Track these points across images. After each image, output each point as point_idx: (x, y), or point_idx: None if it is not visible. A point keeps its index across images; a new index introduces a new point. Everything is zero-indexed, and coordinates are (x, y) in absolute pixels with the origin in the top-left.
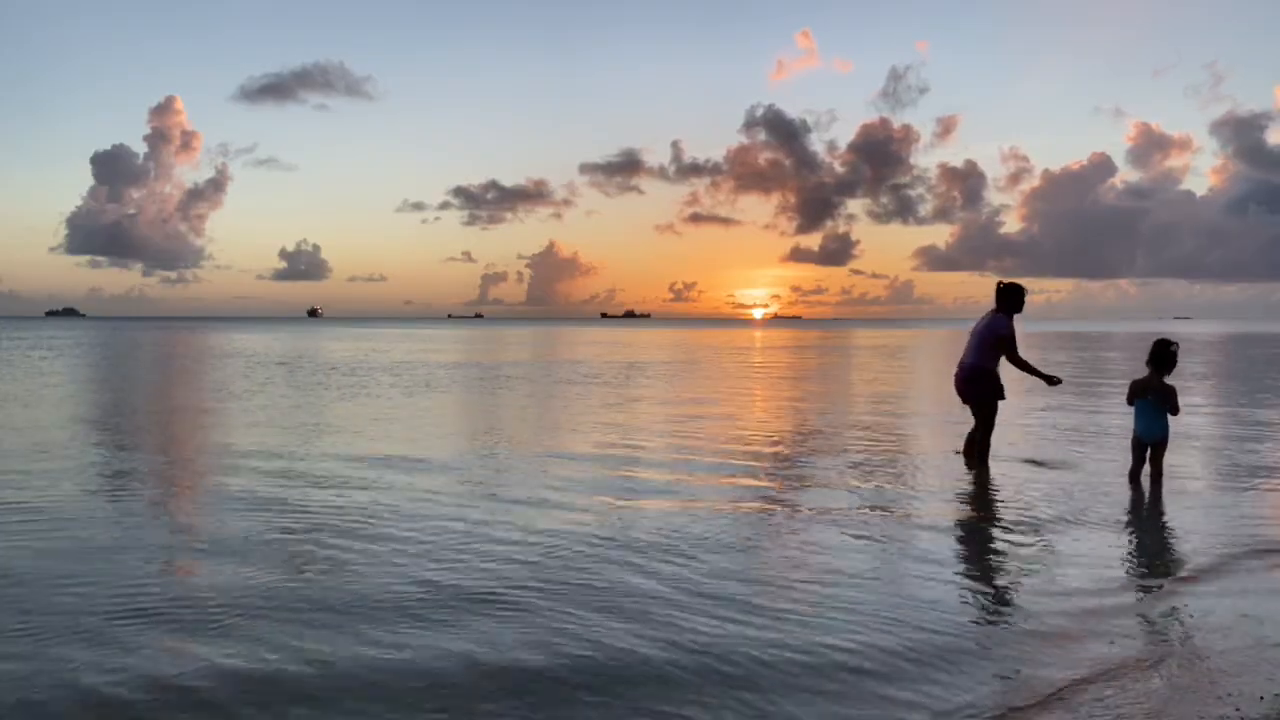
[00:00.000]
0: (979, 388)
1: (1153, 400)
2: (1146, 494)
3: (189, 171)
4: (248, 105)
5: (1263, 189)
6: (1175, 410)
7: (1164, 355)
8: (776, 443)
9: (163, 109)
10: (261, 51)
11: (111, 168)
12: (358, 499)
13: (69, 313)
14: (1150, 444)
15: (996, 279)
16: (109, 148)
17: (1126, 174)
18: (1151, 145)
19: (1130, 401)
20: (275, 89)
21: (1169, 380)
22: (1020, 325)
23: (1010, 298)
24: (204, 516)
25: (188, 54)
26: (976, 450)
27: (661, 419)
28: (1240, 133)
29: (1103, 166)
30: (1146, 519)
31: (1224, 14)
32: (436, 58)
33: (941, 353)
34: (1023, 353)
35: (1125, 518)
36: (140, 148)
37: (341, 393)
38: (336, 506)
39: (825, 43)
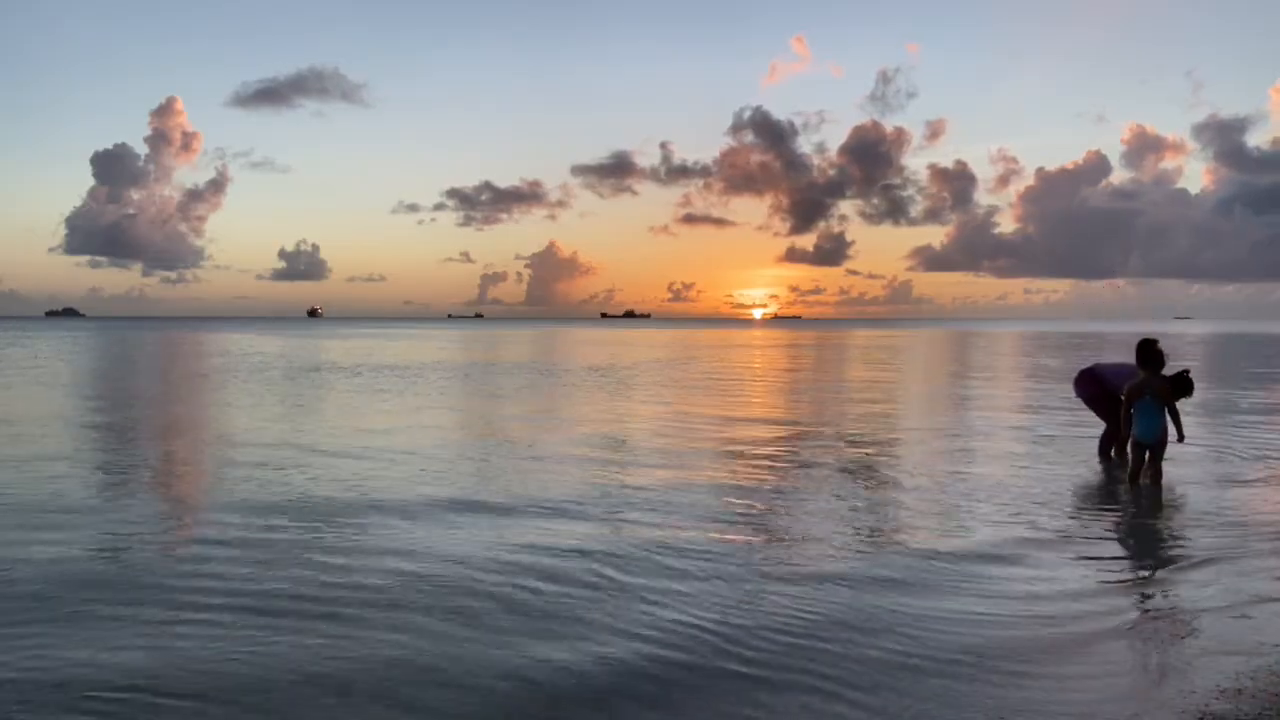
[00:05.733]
0: (1101, 405)
1: (1151, 399)
2: (1146, 495)
3: (189, 172)
4: (243, 111)
5: (1248, 190)
6: (1176, 414)
7: (1154, 354)
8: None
9: (163, 110)
10: (256, 57)
11: (111, 168)
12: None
13: (69, 313)
14: (1149, 446)
15: (994, 279)
16: (110, 147)
17: (1120, 174)
18: (1145, 147)
19: (1129, 405)
20: (270, 94)
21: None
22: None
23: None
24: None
25: (184, 58)
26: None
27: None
28: (1221, 135)
29: (1097, 167)
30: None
31: (1209, 15)
32: (428, 59)
33: (969, 354)
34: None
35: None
36: (141, 149)
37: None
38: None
39: (819, 46)
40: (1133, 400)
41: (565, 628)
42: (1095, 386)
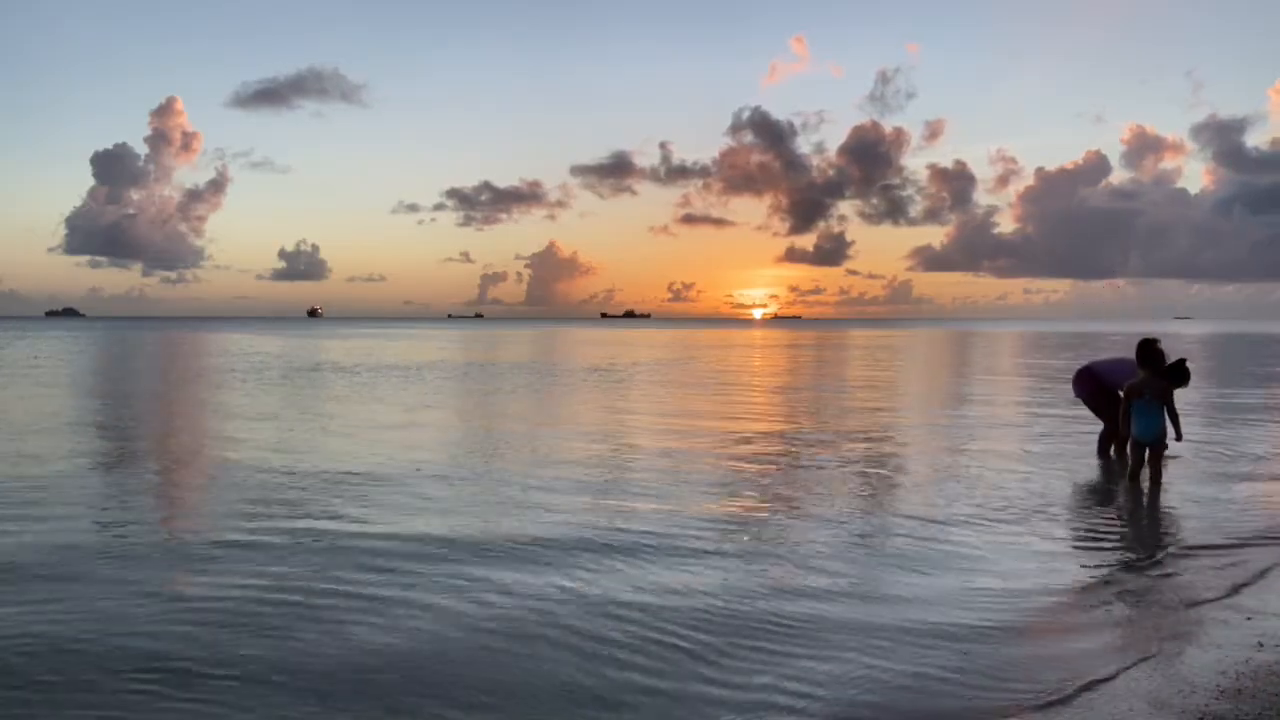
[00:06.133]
0: (1092, 398)
1: (1150, 398)
2: (1145, 495)
3: (189, 172)
4: (242, 111)
5: (1247, 191)
6: (1174, 414)
7: (1155, 353)
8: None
9: (163, 110)
10: (256, 57)
11: (111, 168)
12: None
13: (69, 313)
14: (1148, 444)
15: (993, 279)
16: (110, 147)
17: (1120, 174)
18: (1145, 147)
19: (1128, 404)
20: (270, 94)
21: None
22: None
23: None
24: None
25: (184, 58)
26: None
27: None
28: (1220, 136)
29: (1097, 167)
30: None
31: (1209, 16)
32: (428, 59)
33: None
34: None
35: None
36: (141, 148)
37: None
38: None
39: (819, 47)
40: (1131, 399)
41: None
42: (1092, 384)
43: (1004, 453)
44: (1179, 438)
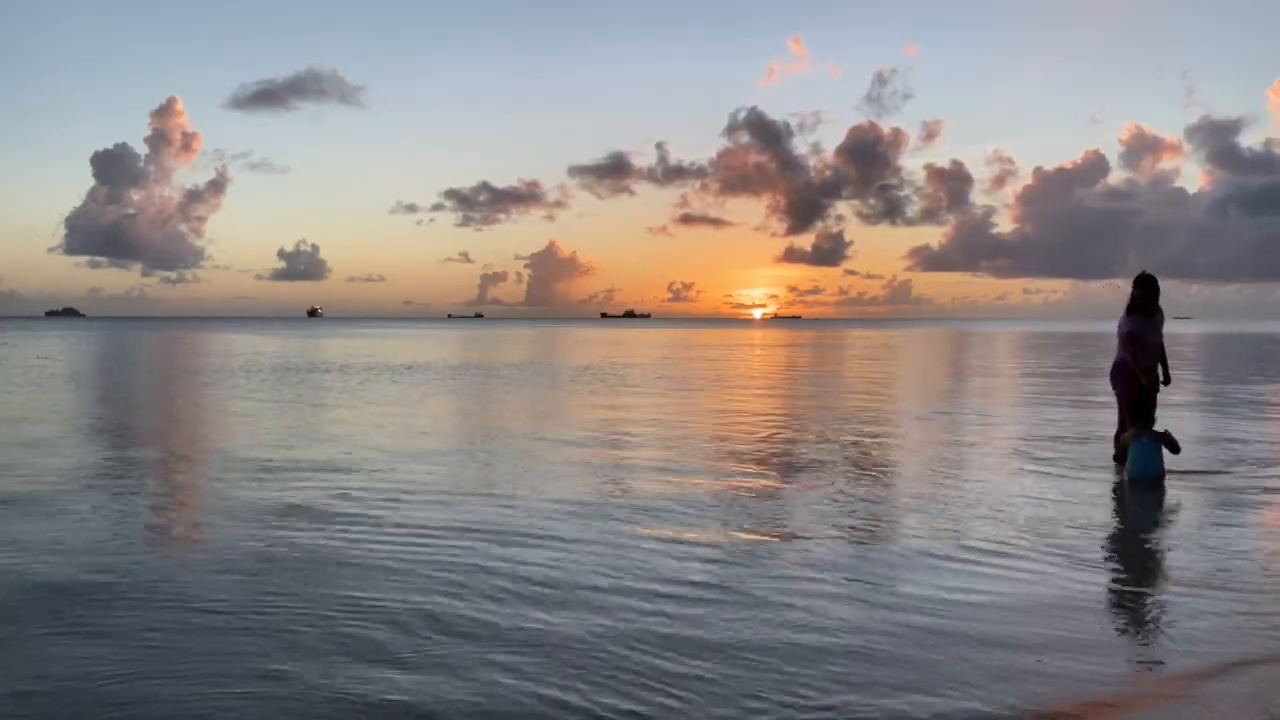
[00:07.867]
0: (1111, 380)
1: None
2: (1147, 503)
3: (188, 173)
4: (241, 113)
5: (1243, 191)
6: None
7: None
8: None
9: (163, 110)
10: (256, 58)
11: (111, 168)
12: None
13: (69, 313)
14: (1147, 484)
15: (992, 279)
16: (110, 147)
17: (1119, 174)
18: (1143, 147)
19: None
20: (268, 96)
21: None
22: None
23: (1134, 292)
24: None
25: (184, 58)
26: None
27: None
28: (1215, 136)
29: (1096, 166)
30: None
31: (1208, 16)
32: (427, 59)
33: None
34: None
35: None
36: (141, 149)
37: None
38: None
39: (817, 47)
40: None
41: None
42: (1114, 369)
43: (1007, 460)
44: (1168, 381)
